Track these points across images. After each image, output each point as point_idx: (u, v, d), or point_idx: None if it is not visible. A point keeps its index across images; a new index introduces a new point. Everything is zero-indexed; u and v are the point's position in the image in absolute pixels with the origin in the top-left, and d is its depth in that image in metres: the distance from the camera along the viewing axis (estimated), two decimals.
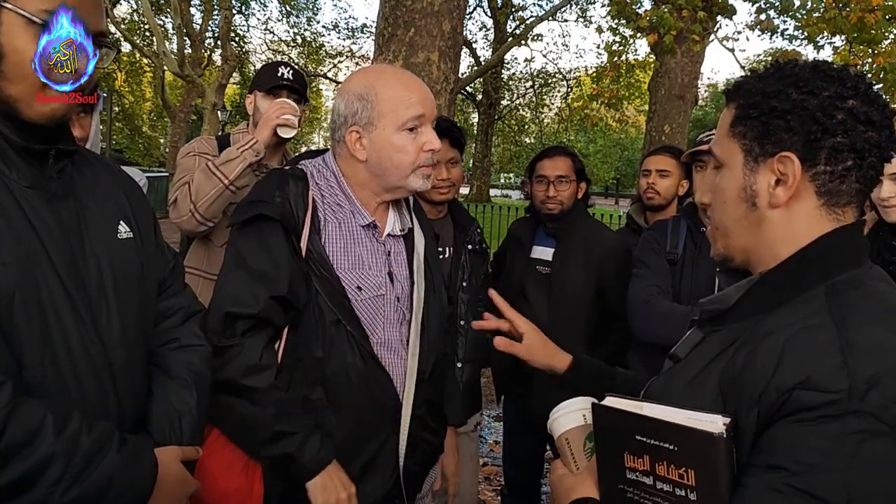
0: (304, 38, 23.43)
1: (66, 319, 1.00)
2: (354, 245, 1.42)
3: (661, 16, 6.97)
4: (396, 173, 1.40)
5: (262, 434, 1.31)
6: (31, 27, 0.96)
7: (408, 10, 5.48)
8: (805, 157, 0.86)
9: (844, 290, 0.83)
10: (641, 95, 17.92)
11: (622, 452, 0.88)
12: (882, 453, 0.71)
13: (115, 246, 1.12)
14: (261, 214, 1.33)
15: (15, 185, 0.98)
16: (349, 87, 1.41)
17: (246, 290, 1.32)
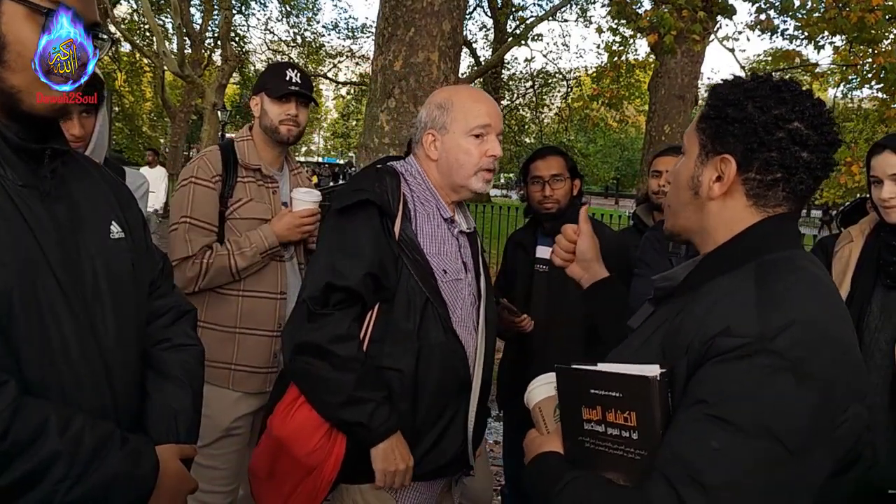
0: (304, 38, 23.43)
1: (63, 320, 1.00)
2: (439, 234, 1.62)
3: (661, 16, 6.97)
4: (461, 173, 1.60)
5: (339, 398, 1.45)
6: (33, 16, 0.96)
7: (408, 10, 5.48)
8: (741, 162, 0.99)
9: (771, 264, 0.97)
10: (641, 95, 17.91)
11: (580, 406, 1.01)
12: (783, 385, 0.83)
13: (108, 246, 1.12)
14: (361, 201, 1.50)
15: (10, 184, 0.98)
16: (432, 99, 1.65)
17: (344, 265, 1.48)
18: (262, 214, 2.11)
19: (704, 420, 0.85)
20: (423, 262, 1.55)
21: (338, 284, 1.46)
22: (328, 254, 1.52)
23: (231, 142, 2.19)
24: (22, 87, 0.97)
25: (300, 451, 1.47)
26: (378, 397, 1.48)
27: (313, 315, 1.46)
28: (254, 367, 2.08)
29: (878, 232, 1.89)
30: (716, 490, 0.82)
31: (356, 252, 1.49)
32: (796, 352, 0.84)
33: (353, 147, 32.30)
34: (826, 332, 0.88)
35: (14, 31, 0.95)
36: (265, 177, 2.15)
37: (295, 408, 1.51)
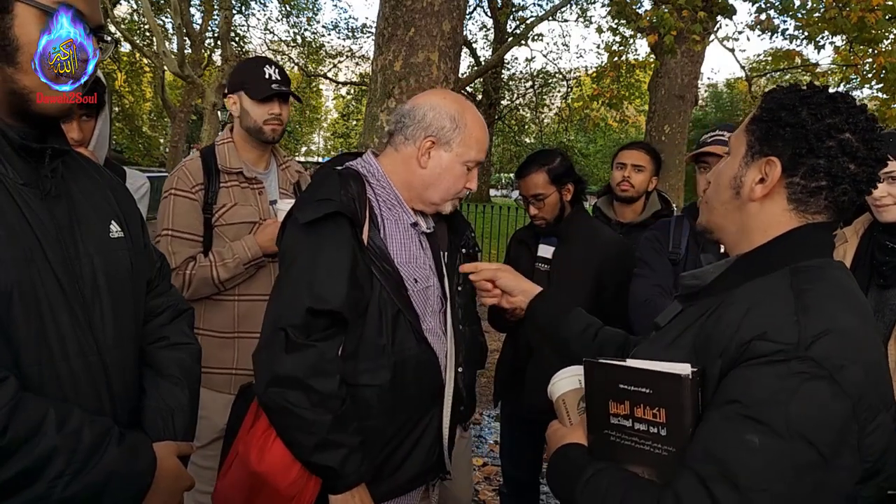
0: (304, 38, 23.40)
1: (61, 318, 1.01)
2: (408, 240, 1.55)
3: (661, 16, 6.96)
4: (441, 193, 1.56)
5: (313, 440, 1.36)
6: (44, 18, 0.97)
7: (408, 10, 5.48)
8: (787, 166, 1.00)
9: (806, 271, 0.98)
10: (641, 95, 17.90)
11: (607, 400, 1.02)
12: (819, 391, 0.84)
13: (107, 245, 1.13)
14: (329, 213, 1.39)
15: (11, 182, 0.99)
16: (440, 103, 1.54)
17: (323, 285, 1.37)
18: (249, 217, 2.09)
19: (738, 420, 0.87)
20: (393, 273, 1.47)
21: (319, 309, 1.36)
22: (302, 273, 1.40)
23: (213, 147, 2.16)
24: (34, 88, 0.99)
25: (281, 483, 1.39)
26: (353, 443, 1.40)
27: (294, 345, 1.35)
28: (250, 370, 2.08)
29: (871, 232, 1.89)
30: (749, 490, 0.83)
31: (334, 269, 1.38)
32: (832, 360, 0.85)
33: (353, 147, 32.32)
34: (859, 343, 0.90)
35: (26, 33, 0.97)
36: (248, 179, 2.12)
37: (271, 440, 1.41)
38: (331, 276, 1.38)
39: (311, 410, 1.36)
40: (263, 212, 2.13)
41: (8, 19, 0.96)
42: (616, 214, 2.90)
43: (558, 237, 2.48)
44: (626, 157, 2.86)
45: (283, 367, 1.36)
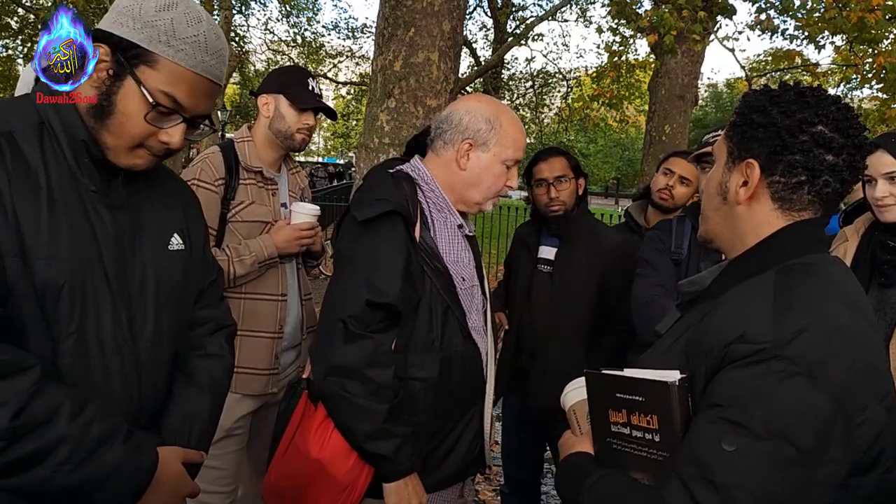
0: (304, 38, 23.40)
1: (104, 318, 1.08)
2: (455, 242, 1.63)
3: (661, 16, 6.96)
4: (481, 192, 1.62)
5: (368, 428, 1.43)
6: (144, 101, 1.05)
7: (408, 10, 5.48)
8: (764, 166, 1.02)
9: (792, 269, 0.99)
10: (641, 95, 17.90)
11: (607, 409, 1.06)
12: (796, 389, 0.86)
13: (163, 255, 1.19)
14: (385, 211, 1.46)
15: (83, 187, 1.07)
16: (476, 107, 1.60)
17: (381, 280, 1.44)
18: (263, 217, 2.11)
19: (718, 423, 0.89)
20: (444, 271, 1.56)
21: (378, 301, 1.43)
22: (361, 268, 1.47)
23: (231, 143, 2.17)
24: (112, 148, 1.09)
25: (338, 471, 1.46)
26: (405, 433, 1.46)
27: (353, 335, 1.42)
28: (256, 369, 2.08)
29: (872, 231, 1.89)
30: (728, 489, 0.85)
31: (390, 265, 1.46)
32: (810, 356, 0.86)
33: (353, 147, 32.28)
34: (842, 336, 0.90)
35: (125, 105, 1.06)
36: (266, 179, 2.15)
37: (331, 429, 1.49)
38: (387, 271, 1.45)
39: (367, 400, 1.42)
40: (276, 213, 2.16)
41: (117, 85, 1.05)
42: (647, 222, 2.76)
43: (560, 238, 2.48)
44: (676, 165, 2.65)
45: (342, 357, 1.42)
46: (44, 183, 1.02)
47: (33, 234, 0.99)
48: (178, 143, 1.12)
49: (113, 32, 1.04)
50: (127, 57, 1.04)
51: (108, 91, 1.05)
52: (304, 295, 2.25)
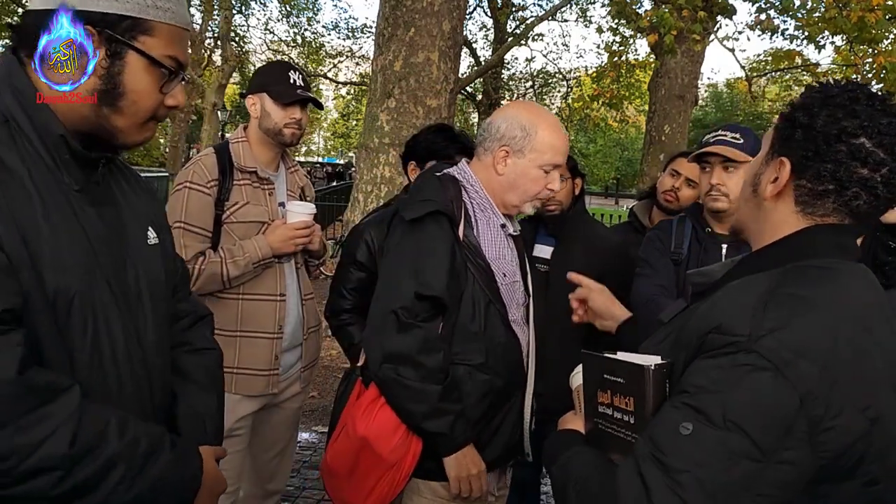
0: (304, 38, 23.41)
1: (113, 324, 1.02)
2: (497, 240, 1.72)
3: (661, 16, 6.96)
4: (520, 196, 1.70)
5: (424, 408, 1.55)
6: (152, 70, 1.01)
7: (408, 10, 5.47)
8: (796, 168, 1.00)
9: (801, 270, 0.97)
10: (641, 95, 17.91)
11: (596, 390, 1.09)
12: (760, 384, 0.85)
13: (146, 252, 1.14)
14: (431, 211, 1.58)
15: (65, 187, 0.99)
16: (514, 114, 1.68)
17: (429, 273, 1.55)
18: (259, 217, 2.09)
19: (682, 408, 0.90)
20: (486, 268, 1.64)
21: (426, 294, 1.54)
22: (409, 263, 1.58)
23: (227, 144, 2.16)
24: (123, 129, 1.03)
25: (383, 448, 1.57)
26: (458, 409, 1.58)
27: (404, 325, 1.54)
28: (256, 369, 2.08)
29: (874, 232, 1.89)
30: (677, 472, 0.86)
31: (436, 260, 1.57)
32: (782, 354, 0.85)
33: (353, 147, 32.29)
34: (821, 341, 0.87)
35: (133, 82, 1.00)
36: (261, 179, 2.13)
37: (377, 408, 1.60)
38: (433, 265, 1.56)
39: (421, 383, 1.54)
40: (273, 213, 2.14)
41: (119, 65, 0.99)
42: (651, 221, 2.70)
43: (557, 237, 2.48)
44: (682, 166, 2.56)
45: (395, 345, 1.54)
46: (30, 186, 0.94)
47: (37, 243, 0.92)
48: (183, 102, 1.10)
49: (96, 11, 0.97)
50: (121, 32, 0.98)
51: (110, 73, 0.98)
52: (305, 295, 2.24)
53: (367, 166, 5.61)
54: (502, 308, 1.66)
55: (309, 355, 2.25)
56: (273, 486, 2.34)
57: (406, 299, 1.55)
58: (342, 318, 2.19)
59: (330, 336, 2.47)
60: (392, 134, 5.42)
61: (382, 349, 1.56)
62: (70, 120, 1.00)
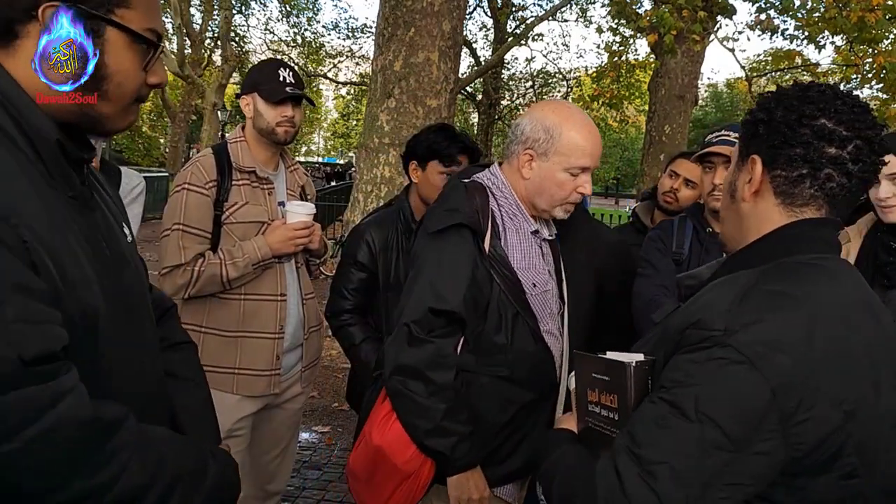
0: (304, 38, 23.40)
1: (129, 332, 0.99)
2: (528, 248, 1.65)
3: (661, 16, 6.96)
4: (548, 201, 1.63)
5: (428, 425, 1.51)
6: (134, 46, 0.93)
7: (408, 10, 5.47)
8: (766, 161, 1.02)
9: (783, 266, 0.98)
10: (641, 95, 17.91)
11: (586, 389, 1.12)
12: (734, 377, 0.87)
13: (130, 251, 1.09)
14: (453, 223, 1.53)
15: (60, 194, 0.92)
16: (540, 116, 1.60)
17: (444, 287, 1.51)
18: (259, 217, 2.09)
19: (658, 403, 0.92)
20: (512, 278, 1.58)
21: (439, 308, 1.50)
22: (427, 276, 1.54)
23: (225, 144, 2.15)
24: (110, 116, 0.96)
25: (398, 459, 1.55)
26: (463, 431, 1.53)
27: (415, 339, 1.51)
28: (257, 370, 2.07)
29: (875, 231, 1.89)
30: (650, 464, 0.88)
31: (455, 274, 1.52)
32: (755, 347, 0.87)
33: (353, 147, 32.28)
34: (801, 334, 0.89)
35: (117, 61, 0.92)
36: (260, 178, 2.12)
37: (393, 418, 1.57)
38: (451, 279, 1.52)
39: (427, 399, 1.50)
40: (272, 212, 2.13)
41: (98, 44, 0.90)
42: (653, 222, 2.68)
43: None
44: (681, 167, 2.53)
45: (406, 357, 1.51)
46: (36, 200, 0.85)
47: (60, 264, 0.84)
48: (166, 79, 1.00)
49: None
50: (96, 6, 0.90)
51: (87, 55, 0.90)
52: (305, 294, 2.23)
53: (367, 166, 5.61)
54: (531, 319, 1.60)
55: (310, 355, 2.25)
56: (273, 486, 2.34)
57: (419, 313, 1.51)
58: (343, 319, 2.18)
59: (330, 336, 2.46)
60: (392, 134, 5.42)
61: (395, 360, 1.53)
62: (54, 114, 0.93)
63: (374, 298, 2.18)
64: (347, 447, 3.67)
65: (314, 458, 3.53)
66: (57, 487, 0.78)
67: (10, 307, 0.74)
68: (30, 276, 0.77)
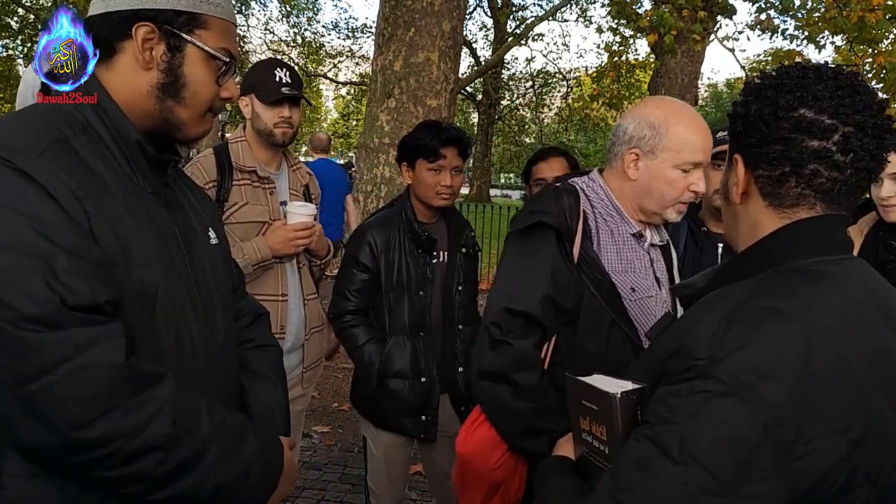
0: (304, 38, 23.41)
1: (190, 319, 1.07)
2: (626, 251, 1.55)
3: (661, 16, 6.96)
4: (658, 202, 1.52)
5: (520, 426, 1.46)
6: (209, 62, 1.07)
7: (408, 10, 5.48)
8: (748, 160, 0.94)
9: (784, 273, 0.89)
10: (641, 95, 17.92)
11: (578, 415, 1.05)
12: (720, 412, 0.77)
13: (210, 251, 1.19)
14: (539, 222, 1.47)
15: (141, 191, 1.04)
16: (643, 113, 1.52)
17: (521, 289, 1.46)
18: (260, 217, 2.08)
19: (642, 440, 0.83)
20: (605, 282, 1.49)
21: (515, 309, 1.45)
22: (506, 278, 1.52)
23: (226, 144, 2.15)
24: (187, 121, 1.08)
25: (483, 466, 1.51)
26: (556, 430, 1.46)
27: (495, 342, 1.46)
28: None
29: (877, 231, 1.89)
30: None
31: (532, 275, 1.47)
32: (742, 377, 0.77)
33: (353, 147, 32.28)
34: (796, 355, 0.79)
35: (193, 73, 1.06)
36: (261, 178, 2.11)
37: (476, 425, 1.54)
38: (528, 280, 1.46)
39: (515, 401, 1.45)
40: (274, 212, 2.12)
41: (179, 58, 1.04)
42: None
43: None
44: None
45: (489, 362, 1.46)
46: (114, 189, 0.98)
47: (125, 239, 0.96)
48: (237, 94, 1.16)
49: (152, 8, 1.02)
50: (179, 26, 1.03)
51: (171, 66, 1.04)
52: (307, 295, 2.23)
53: (367, 166, 5.61)
54: (629, 327, 1.48)
55: (311, 356, 2.24)
56: None
57: (498, 314, 1.47)
58: (346, 320, 2.18)
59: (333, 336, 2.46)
60: (392, 134, 5.42)
61: (479, 365, 1.49)
62: (136, 120, 1.04)
63: (377, 299, 2.18)
64: (347, 447, 3.67)
65: (314, 458, 3.53)
66: (87, 423, 0.86)
67: (61, 259, 0.86)
68: (85, 240, 0.90)
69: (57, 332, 0.84)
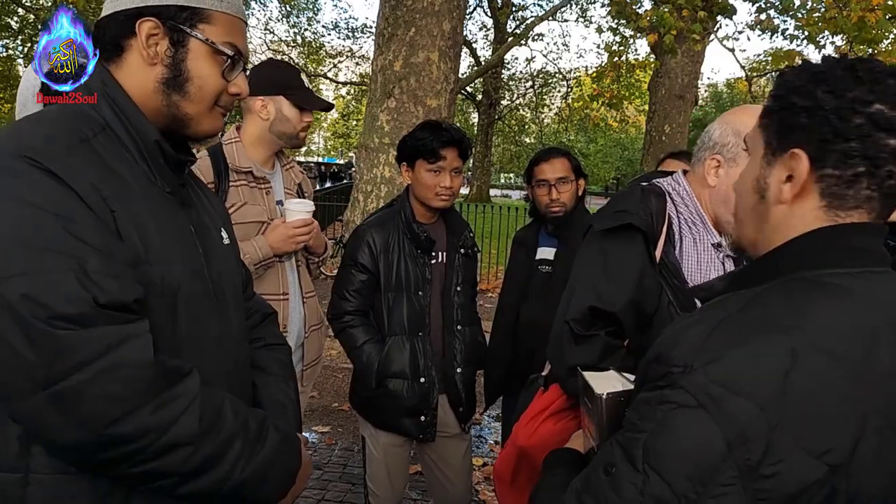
0: (304, 38, 23.41)
1: (209, 318, 1.08)
2: (707, 261, 1.53)
3: (661, 16, 6.97)
4: (732, 210, 1.49)
5: None
6: (214, 57, 1.07)
7: (408, 10, 5.48)
8: (814, 157, 0.84)
9: (792, 284, 0.84)
10: (641, 95, 17.93)
11: (582, 410, 1.06)
12: (684, 424, 0.76)
13: (223, 251, 1.21)
14: (625, 224, 1.45)
15: (158, 190, 1.05)
16: (731, 120, 1.49)
17: (608, 290, 1.44)
18: (258, 217, 2.09)
19: (615, 444, 0.83)
20: (683, 291, 1.47)
21: (602, 309, 1.44)
22: (591, 276, 1.49)
23: (220, 146, 2.14)
24: (194, 116, 1.09)
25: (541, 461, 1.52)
26: None
27: (580, 337, 1.45)
28: None
29: None
30: None
31: (620, 278, 1.45)
32: (710, 389, 0.75)
33: (353, 147, 32.29)
34: (778, 371, 0.75)
35: (197, 67, 1.06)
36: (257, 178, 2.12)
37: (541, 420, 1.53)
38: (616, 281, 1.45)
39: None
40: (271, 211, 2.13)
41: (182, 52, 1.05)
42: None
43: (559, 238, 2.48)
44: (671, 167, 2.56)
45: (577, 356, 1.43)
46: (135, 188, 1.00)
47: (147, 238, 0.98)
48: (246, 90, 1.15)
49: (156, 4, 1.03)
50: (182, 21, 1.04)
51: (174, 60, 1.05)
52: (306, 293, 2.23)
53: (367, 166, 5.61)
54: None
55: (311, 355, 2.25)
56: None
57: (581, 311, 1.45)
58: (345, 321, 2.18)
59: (331, 336, 2.46)
60: (392, 134, 5.42)
61: (564, 362, 1.46)
62: (149, 118, 1.05)
63: (376, 300, 2.18)
64: (347, 447, 3.67)
65: (314, 458, 3.53)
66: (118, 420, 0.87)
67: (93, 258, 0.87)
68: (113, 240, 0.92)
69: (89, 330, 0.85)
